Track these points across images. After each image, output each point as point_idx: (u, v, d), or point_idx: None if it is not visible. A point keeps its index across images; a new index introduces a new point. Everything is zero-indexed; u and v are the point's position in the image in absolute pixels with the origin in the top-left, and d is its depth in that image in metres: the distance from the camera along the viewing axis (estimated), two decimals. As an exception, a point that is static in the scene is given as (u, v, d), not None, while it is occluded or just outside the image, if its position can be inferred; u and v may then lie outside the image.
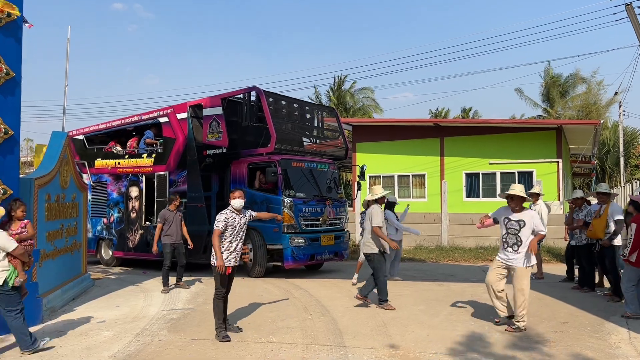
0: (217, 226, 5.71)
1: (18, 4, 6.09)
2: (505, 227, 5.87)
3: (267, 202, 10.46)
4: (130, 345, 5.38)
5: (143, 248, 12.36)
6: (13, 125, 5.96)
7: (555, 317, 6.52)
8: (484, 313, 6.74)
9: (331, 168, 11.81)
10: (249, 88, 11.19)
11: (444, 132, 17.68)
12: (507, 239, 5.86)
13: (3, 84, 5.85)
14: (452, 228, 16.98)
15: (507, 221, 5.86)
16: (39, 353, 5.07)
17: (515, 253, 5.79)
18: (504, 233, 5.88)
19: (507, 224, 5.87)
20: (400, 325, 6.12)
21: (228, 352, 5.07)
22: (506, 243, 5.86)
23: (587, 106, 31.40)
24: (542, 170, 15.94)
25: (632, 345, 5.25)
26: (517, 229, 5.77)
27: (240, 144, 11.11)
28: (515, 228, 5.79)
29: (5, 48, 5.89)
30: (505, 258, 5.90)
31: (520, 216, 5.81)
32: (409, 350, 5.10)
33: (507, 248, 5.84)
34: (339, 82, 34.43)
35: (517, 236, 5.77)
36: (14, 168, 6.08)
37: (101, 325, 6.27)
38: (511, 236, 5.82)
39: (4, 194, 5.79)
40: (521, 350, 5.07)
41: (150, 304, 7.63)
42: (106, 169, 13.48)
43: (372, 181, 18.44)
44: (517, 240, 5.78)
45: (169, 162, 12.05)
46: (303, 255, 10.44)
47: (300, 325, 6.18)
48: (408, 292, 8.53)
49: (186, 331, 5.97)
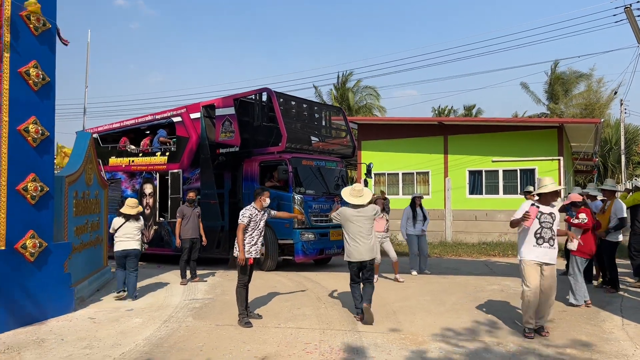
0: (243, 221, 6.16)
1: (51, 15, 6.53)
2: (539, 221, 5.46)
3: (278, 199, 10.90)
4: (160, 330, 5.83)
5: (157, 243, 12.84)
6: (49, 127, 6.41)
7: (554, 307, 6.93)
8: (487, 303, 7.17)
9: (339, 166, 12.26)
10: (260, 89, 11.63)
11: (447, 130, 18.06)
12: (541, 233, 5.44)
13: (40, 89, 6.29)
14: (455, 224, 17.44)
15: (540, 215, 5.48)
16: (80, 334, 5.53)
17: (551, 248, 5.44)
18: (538, 228, 5.44)
19: (540, 217, 5.47)
20: (409, 313, 6.56)
21: (252, 336, 5.52)
22: (542, 238, 5.43)
23: (590, 104, 31.74)
24: (544, 167, 16.32)
25: (625, 331, 5.67)
26: (552, 222, 5.47)
27: (252, 143, 11.55)
28: (550, 222, 5.46)
29: (41, 55, 6.33)
30: (541, 254, 5.43)
31: (552, 209, 5.56)
32: (418, 334, 5.54)
33: (544, 244, 5.42)
34: (343, 81, 34.82)
35: (552, 230, 5.46)
36: (49, 167, 6.53)
37: (130, 313, 6.73)
38: (546, 230, 5.44)
39: (41, 191, 6.25)
40: (521, 336, 5.49)
41: (171, 295, 8.09)
42: (120, 167, 13.95)
43: (377, 178, 18.87)
44: (552, 234, 5.45)
45: (183, 160, 12.51)
46: (313, 250, 10.89)
47: (315, 313, 6.63)
48: (415, 284, 8.98)
49: (210, 318, 6.42)
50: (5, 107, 5.91)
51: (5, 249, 5.87)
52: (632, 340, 5.28)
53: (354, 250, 6.20)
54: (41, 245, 6.24)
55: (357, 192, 6.34)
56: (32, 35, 6.22)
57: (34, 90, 6.23)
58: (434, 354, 4.84)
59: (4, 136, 5.89)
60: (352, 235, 6.22)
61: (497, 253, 13.98)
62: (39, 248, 6.21)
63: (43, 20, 6.34)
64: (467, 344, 5.14)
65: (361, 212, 6.27)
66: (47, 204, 6.38)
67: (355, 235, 6.20)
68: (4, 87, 5.90)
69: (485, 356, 4.79)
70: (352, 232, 6.22)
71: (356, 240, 6.18)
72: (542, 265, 5.42)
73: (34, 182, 6.15)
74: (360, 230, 6.20)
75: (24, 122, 6.09)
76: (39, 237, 6.22)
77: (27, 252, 6.07)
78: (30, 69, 6.16)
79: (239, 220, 6.19)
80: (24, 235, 6.05)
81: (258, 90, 11.70)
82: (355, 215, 6.25)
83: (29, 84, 6.17)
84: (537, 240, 5.43)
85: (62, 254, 6.71)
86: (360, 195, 6.31)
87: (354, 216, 6.25)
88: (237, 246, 6.14)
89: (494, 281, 9.15)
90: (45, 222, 6.39)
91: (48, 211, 6.42)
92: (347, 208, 6.36)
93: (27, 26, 6.16)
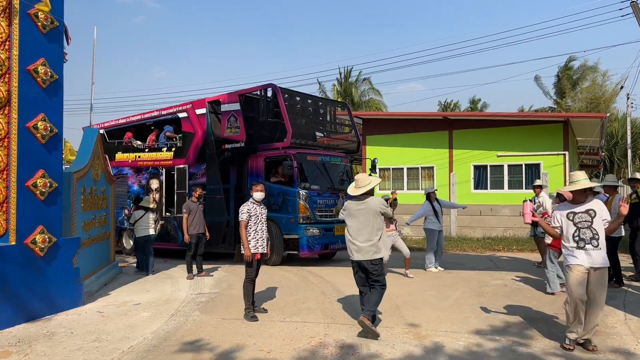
0: (242, 218, 6.22)
1: (59, 13, 6.60)
2: (574, 223, 4.88)
3: (283, 194, 11.00)
4: (168, 324, 5.93)
5: (164, 238, 12.95)
6: (57, 124, 6.50)
7: (557, 301, 6.98)
8: (491, 298, 7.23)
9: (343, 161, 12.31)
10: (266, 85, 11.68)
11: (452, 125, 18.05)
12: (580, 235, 4.83)
13: (48, 86, 6.38)
14: (460, 219, 17.46)
15: (573, 216, 4.90)
16: (89, 328, 5.64)
17: (596, 249, 4.75)
18: (574, 230, 4.86)
19: (574, 219, 4.89)
20: (413, 308, 6.63)
21: (257, 329, 5.61)
22: (582, 241, 4.80)
23: (595, 98, 31.58)
24: (549, 162, 16.30)
25: (627, 325, 5.71)
26: (590, 220, 4.84)
27: (257, 139, 11.62)
28: (587, 220, 4.84)
29: (49, 53, 6.41)
30: (585, 259, 4.76)
31: (588, 205, 4.92)
32: (421, 329, 5.61)
33: (585, 246, 4.78)
34: (346, 75, 34.79)
35: (592, 228, 4.80)
36: (58, 163, 6.63)
37: (137, 307, 6.84)
38: (585, 230, 4.82)
39: (50, 187, 6.35)
40: (524, 330, 5.54)
41: (178, 289, 8.20)
42: (127, 162, 14.07)
43: (382, 173, 18.90)
44: (593, 233, 4.79)
45: (189, 155, 12.60)
46: (317, 245, 10.97)
47: (319, 307, 6.71)
48: (419, 279, 9.04)
49: (216, 312, 6.52)
50: (15, 104, 6.00)
51: (16, 244, 5.98)
52: (634, 335, 5.32)
53: (352, 247, 5.56)
54: (50, 240, 6.35)
55: (358, 183, 5.64)
56: (40, 33, 6.30)
57: (42, 87, 6.31)
58: (438, 349, 4.91)
59: (14, 133, 5.99)
60: (351, 231, 5.61)
61: (502, 248, 14.01)
62: (48, 243, 6.32)
63: (51, 18, 6.41)
64: (470, 339, 5.20)
65: (362, 204, 5.56)
66: (56, 200, 6.48)
67: (353, 230, 5.57)
68: (13, 84, 5.99)
69: (488, 351, 4.85)
70: (352, 227, 5.59)
71: (355, 236, 5.54)
72: (589, 270, 4.75)
73: (43, 178, 6.25)
74: (359, 226, 5.52)
75: (33, 119, 6.19)
76: (48, 232, 6.33)
77: (36, 247, 6.18)
78: (39, 67, 6.25)
79: (239, 218, 6.26)
80: (34, 231, 6.16)
81: (263, 86, 11.76)
82: (356, 209, 5.59)
83: (37, 81, 6.25)
84: (577, 244, 4.83)
85: (71, 249, 6.82)
86: (360, 186, 5.60)
87: (354, 210, 5.60)
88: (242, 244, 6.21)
89: (498, 276, 9.20)
90: (54, 218, 6.50)
91: (57, 207, 6.53)
92: (349, 202, 5.76)
93: (35, 24, 6.24)
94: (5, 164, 5.95)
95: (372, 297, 5.46)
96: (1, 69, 5.93)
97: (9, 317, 5.78)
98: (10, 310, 5.82)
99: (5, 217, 5.96)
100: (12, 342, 5.22)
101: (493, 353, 4.77)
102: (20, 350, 4.94)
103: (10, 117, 5.98)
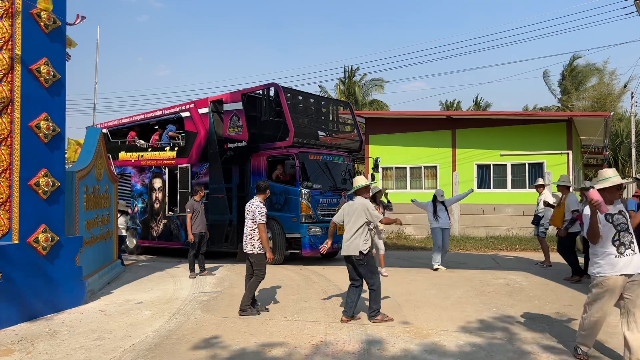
0: (264, 220, 6.29)
1: (61, 12, 6.63)
2: (613, 225, 4.28)
3: (285, 193, 11.00)
4: (169, 322, 5.95)
5: (166, 237, 13.01)
6: (59, 123, 6.53)
7: (559, 300, 6.97)
8: (493, 297, 7.21)
9: (346, 160, 12.31)
10: (268, 84, 11.69)
11: (455, 124, 18.00)
12: (620, 239, 4.26)
13: (51, 86, 6.41)
14: (463, 218, 17.43)
15: (611, 218, 4.31)
16: (91, 326, 5.67)
17: (637, 254, 4.26)
18: (614, 234, 4.26)
19: (612, 220, 4.30)
20: (414, 307, 6.63)
21: (259, 328, 5.62)
22: (622, 245, 4.24)
23: (602, 97, 31.45)
24: (553, 161, 16.24)
25: (629, 325, 5.68)
26: (626, 222, 4.34)
27: (260, 138, 11.63)
28: (624, 222, 4.32)
29: (52, 52, 6.44)
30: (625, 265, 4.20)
31: (620, 206, 4.44)
32: (422, 327, 5.61)
33: (626, 250, 4.22)
34: (350, 74, 34.76)
35: (630, 231, 4.32)
36: (60, 162, 6.66)
37: (139, 306, 6.87)
38: (624, 234, 4.27)
39: (52, 186, 6.38)
40: (525, 328, 5.53)
41: (180, 288, 8.22)
42: (130, 162, 14.12)
43: (385, 172, 18.88)
44: (632, 235, 4.31)
45: (191, 154, 12.63)
46: (320, 244, 10.94)
47: (321, 306, 6.72)
48: (421, 278, 9.03)
49: (218, 311, 6.54)
50: (17, 103, 6.04)
51: (18, 243, 6.02)
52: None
53: (343, 244, 6.04)
54: (53, 239, 6.39)
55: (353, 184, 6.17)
56: (42, 33, 6.34)
57: (44, 87, 6.35)
58: (439, 347, 4.90)
59: (16, 132, 6.02)
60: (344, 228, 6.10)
61: (505, 247, 13.98)
62: (50, 242, 6.35)
63: (53, 18, 6.44)
64: (471, 338, 5.20)
65: (353, 204, 6.08)
66: (58, 199, 6.52)
67: (345, 228, 6.06)
68: (15, 84, 6.03)
69: (490, 350, 4.84)
70: (345, 224, 6.09)
71: (345, 233, 6.03)
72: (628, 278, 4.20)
73: (45, 177, 6.28)
74: (348, 224, 6.00)
75: (36, 118, 6.22)
76: (51, 231, 6.37)
77: (39, 246, 6.21)
78: (41, 66, 6.28)
79: (260, 219, 6.26)
80: (36, 230, 6.19)
81: (265, 85, 11.77)
82: (349, 209, 6.10)
83: (40, 81, 6.29)
84: (617, 249, 4.23)
85: (74, 248, 6.85)
86: (353, 187, 6.17)
87: (347, 209, 6.12)
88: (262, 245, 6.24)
89: (500, 275, 9.18)
90: (57, 217, 6.53)
91: (59, 206, 6.56)
92: (347, 202, 6.29)
93: (37, 24, 6.27)
94: (8, 163, 5.98)
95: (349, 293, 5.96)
96: (4, 69, 5.96)
97: (12, 316, 5.82)
98: (13, 309, 5.85)
99: (8, 216, 5.99)
100: (15, 340, 5.25)
101: (494, 352, 4.76)
102: (23, 349, 4.97)
103: (13, 116, 6.01)
